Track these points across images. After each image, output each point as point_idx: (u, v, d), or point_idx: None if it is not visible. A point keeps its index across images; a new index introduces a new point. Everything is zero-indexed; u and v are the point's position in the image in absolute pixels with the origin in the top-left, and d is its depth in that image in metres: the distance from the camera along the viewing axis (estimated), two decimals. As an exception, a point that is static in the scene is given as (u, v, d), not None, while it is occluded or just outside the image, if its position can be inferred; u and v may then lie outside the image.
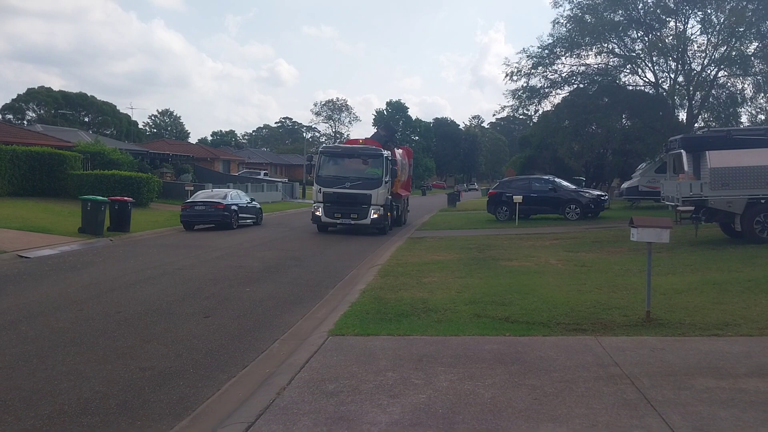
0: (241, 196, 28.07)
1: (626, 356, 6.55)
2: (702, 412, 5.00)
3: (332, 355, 6.94)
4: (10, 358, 7.09)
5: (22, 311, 9.52)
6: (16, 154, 30.38)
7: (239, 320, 9.23)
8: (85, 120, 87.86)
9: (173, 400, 5.86)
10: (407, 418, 5.02)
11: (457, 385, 5.82)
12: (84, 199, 20.89)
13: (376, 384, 5.90)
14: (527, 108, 30.96)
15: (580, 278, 11.68)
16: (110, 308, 9.77)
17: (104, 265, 14.83)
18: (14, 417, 5.34)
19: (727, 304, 8.87)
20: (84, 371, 6.61)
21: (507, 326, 8.02)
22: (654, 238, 7.80)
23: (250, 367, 6.96)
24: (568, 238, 19.98)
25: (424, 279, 12.09)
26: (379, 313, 9.02)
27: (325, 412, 5.20)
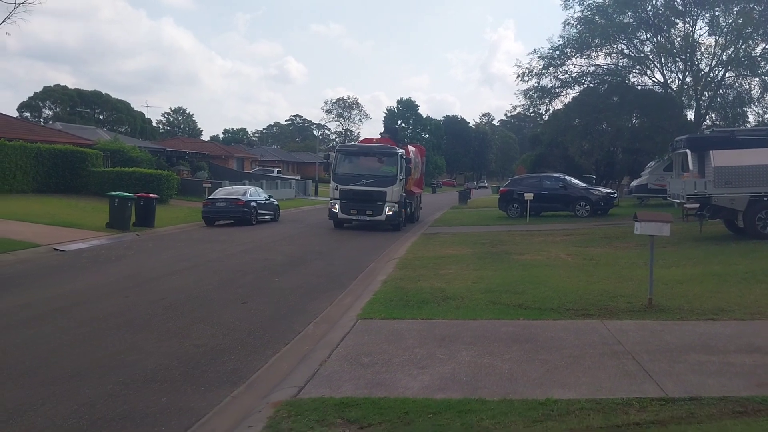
0: (260, 193, 28.92)
1: (628, 336, 7.30)
2: (693, 380, 5.74)
3: (363, 335, 7.72)
4: (76, 337, 7.93)
5: (73, 298, 10.38)
6: (40, 152, 31.29)
7: (273, 306, 10.03)
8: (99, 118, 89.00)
9: (228, 371, 6.67)
10: (436, 384, 5.80)
11: (477, 359, 6.58)
12: (111, 196, 21.78)
13: (405, 358, 6.68)
14: (538, 107, 31.66)
15: (589, 271, 12.42)
16: (154, 296, 10.62)
17: (138, 257, 15.69)
18: (95, 383, 6.16)
19: (724, 293, 9.59)
20: (144, 348, 7.44)
21: (520, 312, 8.77)
22: (655, 231, 8.52)
23: (290, 345, 7.76)
24: (577, 234, 20.68)
25: (440, 271, 12.84)
26: (401, 300, 9.79)
27: (364, 379, 5.98)
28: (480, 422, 4.83)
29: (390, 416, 4.98)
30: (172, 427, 5.15)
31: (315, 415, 5.05)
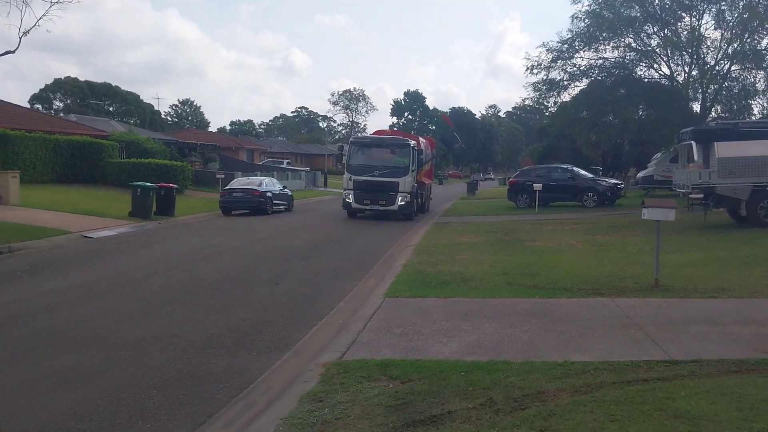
0: (275, 184, 29.65)
1: (636, 311, 7.98)
2: (695, 347, 6.42)
3: (392, 310, 8.43)
4: (131, 311, 8.68)
5: (119, 279, 11.14)
6: (58, 143, 32.02)
7: (304, 287, 10.75)
8: (109, 109, 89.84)
9: (274, 339, 7.39)
10: (464, 350, 6.50)
11: (499, 330, 7.28)
12: (134, 185, 22.54)
13: (434, 329, 7.38)
14: (547, 100, 32.23)
15: (598, 256, 13.10)
16: (192, 277, 11.36)
17: (166, 243, 16.44)
18: (158, 349, 6.89)
19: (726, 275, 10.26)
20: (196, 320, 8.18)
21: (536, 291, 9.46)
22: (661, 216, 9.19)
23: (326, 318, 8.48)
24: (586, 223, 21.34)
25: (456, 256, 13.54)
26: (422, 281, 10.49)
27: (399, 345, 6.69)
28: (507, 378, 5.52)
29: (427, 374, 5.68)
30: (235, 384, 5.87)
31: (361, 372, 5.76)
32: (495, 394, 5.09)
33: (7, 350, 6.79)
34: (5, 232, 16.23)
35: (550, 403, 4.86)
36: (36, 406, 5.27)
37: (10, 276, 11.35)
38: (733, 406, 4.62)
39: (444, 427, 4.47)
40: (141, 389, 5.65)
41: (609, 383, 5.36)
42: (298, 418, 4.71)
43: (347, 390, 5.30)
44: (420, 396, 5.10)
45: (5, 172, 23.13)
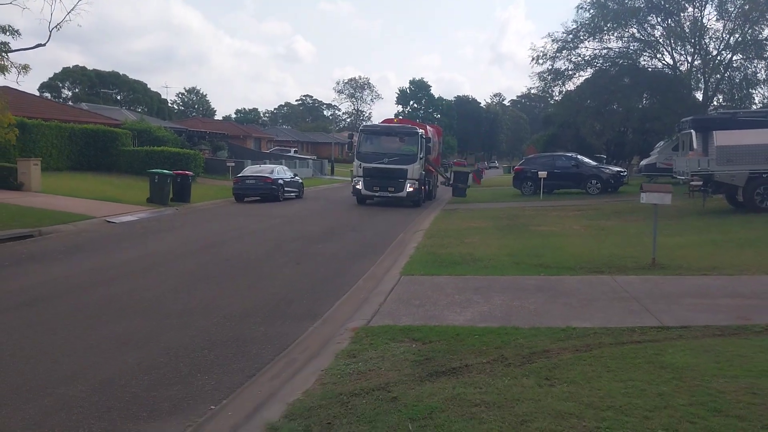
0: (286, 171, 30.39)
1: (634, 287, 8.70)
2: (685, 315, 7.14)
3: (409, 286, 9.18)
4: (170, 287, 9.45)
5: (151, 260, 11.91)
6: (73, 132, 32.74)
7: (323, 267, 11.50)
8: (117, 98, 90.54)
9: (303, 311, 8.14)
10: (477, 318, 7.24)
11: (508, 302, 8.02)
12: (152, 173, 23.29)
13: (449, 301, 8.12)
14: (552, 89, 32.86)
15: (600, 239, 13.82)
16: (219, 258, 12.13)
17: (187, 228, 17.21)
18: (202, 318, 7.65)
19: (719, 255, 10.96)
20: (230, 295, 8.94)
21: (541, 270, 10.18)
22: (658, 200, 9.89)
23: (348, 294, 9.22)
24: (589, 209, 22.03)
25: (465, 240, 14.26)
26: (435, 262, 11.23)
27: (418, 314, 7.44)
28: (516, 340, 6.26)
29: (445, 336, 6.42)
30: (275, 345, 6.62)
31: (386, 335, 6.51)
32: (506, 352, 5.83)
33: (68, 319, 7.57)
34: (34, 217, 17.01)
35: (554, 359, 5.60)
36: (105, 362, 6.04)
37: (50, 257, 12.14)
38: (711, 360, 5.36)
39: (463, 377, 5.21)
40: (194, 349, 6.42)
41: (606, 344, 6.09)
42: (337, 369, 5.46)
43: (376, 348, 6.05)
44: (440, 353, 5.85)
45: (27, 160, 23.90)
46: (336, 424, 4.27)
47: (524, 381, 5.03)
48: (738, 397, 4.44)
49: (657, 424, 4.05)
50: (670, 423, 4.06)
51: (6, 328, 7.16)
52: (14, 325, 7.30)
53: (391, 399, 4.70)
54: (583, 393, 4.67)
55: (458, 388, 4.90)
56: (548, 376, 5.12)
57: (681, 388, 4.68)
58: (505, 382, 5.00)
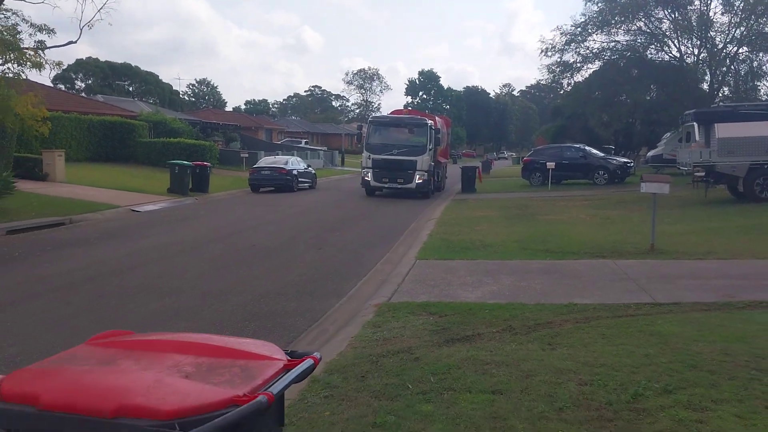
0: (299, 162, 31.13)
1: (633, 269, 9.41)
2: (677, 294, 7.85)
3: (424, 269, 9.92)
4: (204, 269, 10.25)
5: (181, 246, 12.71)
6: (92, 123, 33.57)
7: (342, 252, 12.26)
8: (129, 89, 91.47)
9: (329, 290, 8.91)
10: (487, 296, 7.98)
11: (516, 283, 8.75)
12: (172, 164, 24.12)
13: (461, 282, 8.86)
14: (560, 81, 33.40)
15: (604, 226, 14.53)
16: (244, 244, 12.91)
17: (209, 217, 18.02)
18: (237, 296, 8.44)
19: (715, 242, 11.66)
20: (259, 276, 9.72)
21: (547, 254, 10.91)
22: (657, 190, 10.59)
23: (368, 276, 9.98)
24: (595, 199, 22.70)
25: (476, 228, 14.99)
26: (447, 248, 11.97)
27: (433, 293, 8.18)
28: (522, 314, 6.99)
29: (459, 310, 7.17)
30: (307, 318, 7.39)
31: (406, 309, 7.26)
32: (513, 323, 6.57)
33: (116, 297, 8.37)
34: (62, 206, 17.86)
35: (557, 328, 6.34)
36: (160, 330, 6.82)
37: (86, 242, 12.97)
38: (695, 329, 6.08)
39: (475, 343, 5.96)
40: (235, 321, 7.20)
41: (603, 317, 6.82)
42: (365, 337, 6.22)
43: (398, 320, 6.80)
44: (455, 324, 6.60)
45: (51, 151, 24.76)
46: (369, 377, 5.03)
47: (529, 346, 5.77)
48: (712, 357, 5.17)
49: (641, 376, 4.79)
50: (653, 375, 4.79)
51: (65, 303, 7.97)
52: (72, 300, 8.11)
53: (414, 359, 5.45)
54: (580, 354, 5.41)
55: (471, 351, 5.65)
56: (550, 341, 5.86)
57: (665, 350, 5.41)
58: (513, 347, 5.74)
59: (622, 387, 4.59)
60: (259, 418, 1.71)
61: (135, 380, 1.69)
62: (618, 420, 4.07)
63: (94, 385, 1.66)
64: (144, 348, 2.02)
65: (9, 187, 16.40)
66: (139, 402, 1.57)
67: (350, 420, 4.20)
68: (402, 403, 4.46)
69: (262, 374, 1.84)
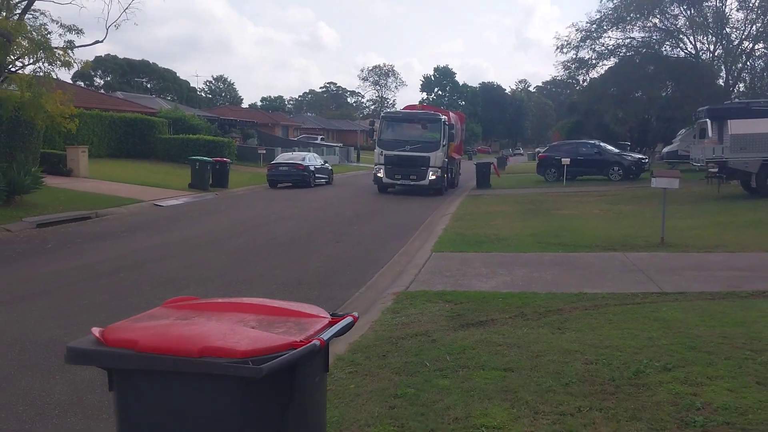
0: (316, 158, 31.61)
1: (642, 262, 9.73)
2: (684, 284, 8.17)
3: (440, 261, 10.30)
4: (228, 261, 10.70)
5: (205, 238, 13.19)
6: (113, 120, 34.20)
7: (360, 245, 12.67)
8: (147, 86, 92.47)
9: (348, 280, 9.31)
10: (500, 285, 8.34)
11: (528, 274, 9.10)
12: (193, 160, 24.67)
13: (476, 273, 9.23)
14: (576, 78, 33.58)
15: (617, 221, 14.83)
16: (265, 237, 13.36)
17: (230, 211, 18.50)
18: (260, 286, 8.86)
19: (724, 235, 11.93)
20: (282, 267, 10.15)
21: (560, 247, 11.24)
22: (667, 185, 10.89)
23: (385, 267, 10.38)
24: (610, 194, 22.95)
25: (491, 222, 15.34)
26: (463, 241, 12.33)
27: (449, 283, 8.56)
28: (534, 302, 7.35)
29: (473, 299, 7.54)
30: (329, 305, 7.69)
31: (423, 298, 7.65)
32: (525, 310, 6.93)
33: (148, 285, 8.82)
34: (88, 200, 18.43)
35: (566, 315, 6.70)
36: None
37: (115, 235, 13.48)
38: (697, 315, 6.41)
39: (489, 328, 6.33)
40: (262, 307, 7.62)
41: (611, 304, 7.16)
42: (385, 321, 6.62)
43: (415, 307, 7.19)
44: (469, 311, 6.97)
45: (75, 147, 25.36)
46: (389, 355, 5.42)
47: (540, 330, 6.13)
48: (711, 339, 5.50)
49: (643, 356, 5.14)
50: (654, 356, 5.14)
51: (100, 290, 8.44)
52: (107, 288, 8.58)
53: (432, 341, 5.84)
54: (587, 337, 5.77)
55: (485, 335, 6.02)
56: (560, 326, 6.22)
57: (667, 333, 5.76)
58: (524, 331, 6.11)
59: (624, 365, 4.95)
60: (312, 361, 2.12)
61: (213, 329, 2.10)
62: (619, 393, 4.43)
63: (181, 333, 2.07)
64: (212, 309, 2.43)
65: (38, 183, 16.93)
66: (219, 344, 1.98)
67: (373, 392, 4.59)
68: (420, 378, 4.85)
69: (312, 327, 2.24)
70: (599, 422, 3.97)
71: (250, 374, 1.90)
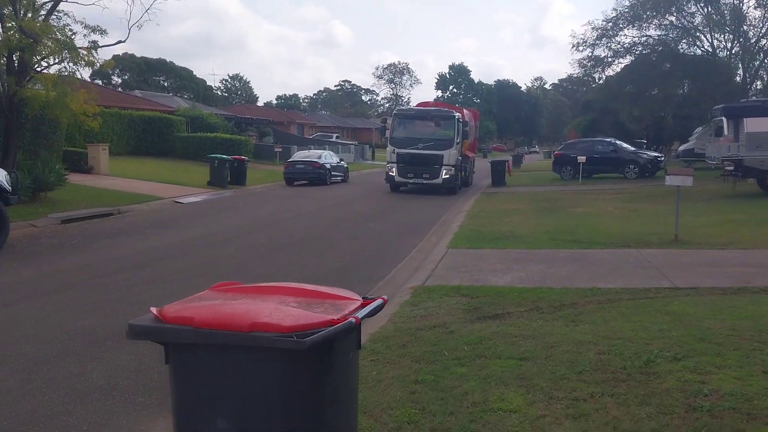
0: (332, 156, 31.92)
1: (656, 258, 9.88)
2: (696, 280, 8.32)
3: (456, 257, 10.51)
4: (248, 256, 10.99)
5: (225, 234, 13.49)
6: (132, 118, 34.69)
7: (377, 242, 12.91)
8: (164, 85, 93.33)
9: (366, 275, 9.56)
10: (516, 281, 8.55)
11: (543, 269, 9.29)
12: (212, 158, 25.04)
13: (491, 269, 9.43)
14: (592, 76, 33.61)
15: (631, 218, 14.96)
16: (284, 233, 13.64)
17: (249, 208, 18.82)
18: (282, 280, 9.10)
19: (737, 233, 12.04)
20: (301, 262, 10.42)
21: (574, 244, 11.41)
22: (681, 182, 11.03)
23: (402, 263, 10.60)
24: (625, 192, 23.02)
25: (506, 219, 15.52)
26: (478, 238, 12.53)
27: (465, 278, 8.77)
28: (549, 296, 7.55)
29: (489, 293, 7.75)
30: (349, 299, 8.04)
31: (440, 292, 7.87)
32: (540, 304, 7.13)
33: (175, 278, 9.14)
34: (110, 197, 18.82)
35: (580, 308, 6.89)
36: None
37: (139, 231, 13.83)
38: (708, 309, 6.59)
39: (505, 320, 6.54)
40: (284, 300, 7.88)
41: (624, 299, 7.34)
42: (403, 314, 6.85)
43: (433, 300, 7.42)
44: (486, 305, 7.18)
45: (96, 145, 25.83)
46: (408, 346, 5.66)
47: (554, 323, 6.34)
48: (721, 332, 5.68)
49: (654, 347, 5.33)
50: (664, 346, 5.34)
51: (129, 283, 8.75)
52: (135, 281, 8.89)
53: (449, 332, 6.07)
54: (600, 329, 5.97)
55: (501, 327, 6.24)
56: (574, 319, 6.42)
57: (677, 326, 5.94)
58: (539, 323, 6.31)
59: (636, 355, 5.15)
60: (347, 337, 2.37)
61: (260, 308, 2.34)
62: (630, 381, 4.63)
63: (232, 311, 2.32)
64: (255, 291, 2.69)
65: (62, 180, 17.33)
66: (266, 321, 2.22)
67: (395, 378, 4.83)
68: (439, 366, 5.08)
69: (347, 308, 2.49)
70: (610, 406, 4.18)
71: (294, 347, 2.15)
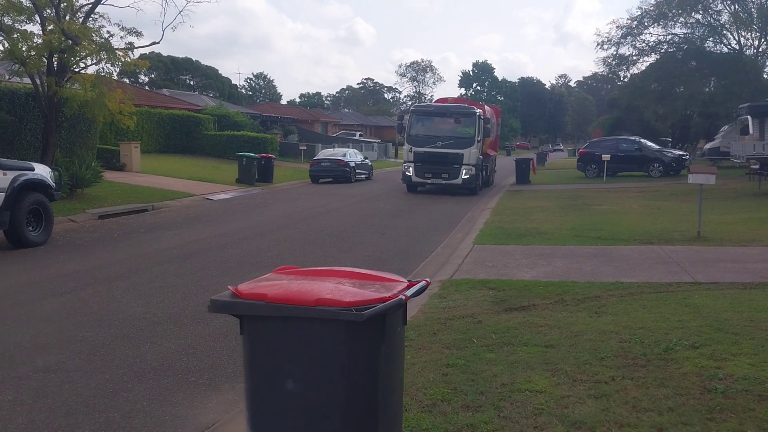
0: (357, 154, 32.33)
1: (678, 254, 10.11)
2: (717, 275, 8.55)
3: (482, 252, 10.83)
4: (283, 250, 11.40)
5: (259, 229, 13.93)
6: (161, 117, 35.44)
7: (404, 237, 13.25)
8: (190, 83, 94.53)
9: (394, 269, 9.86)
10: (541, 275, 8.84)
11: (568, 265, 9.57)
12: (240, 156, 25.57)
13: (517, 264, 9.74)
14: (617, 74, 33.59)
15: (655, 216, 15.13)
16: (314, 229, 14.05)
17: (277, 205, 19.28)
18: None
19: (761, 230, 12.19)
20: (332, 256, 10.81)
21: (598, 241, 11.66)
22: (704, 180, 11.22)
23: (429, 258, 10.95)
24: (649, 190, 23.11)
25: (530, 217, 15.78)
26: (503, 234, 12.83)
27: (491, 272, 9.09)
28: (573, 290, 7.84)
29: (515, 287, 8.06)
30: (379, 291, 8.40)
31: (467, 285, 8.20)
32: (565, 297, 7.44)
33: (215, 269, 9.58)
34: (143, 194, 19.39)
35: (603, 301, 7.18)
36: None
37: (174, 226, 14.33)
38: (727, 302, 6.84)
39: (531, 312, 6.85)
40: (318, 292, 8.27)
41: (646, 292, 7.62)
42: (433, 305, 7.20)
43: (461, 293, 7.76)
44: (512, 297, 7.50)
45: (128, 143, 26.50)
46: (439, 333, 6.01)
47: (578, 314, 6.64)
48: (738, 323, 5.95)
49: (673, 336, 5.62)
50: (683, 335, 5.62)
51: (172, 274, 9.20)
52: (178, 272, 9.34)
53: (477, 322, 6.40)
54: (622, 320, 6.26)
55: (527, 317, 6.56)
56: (597, 311, 6.72)
57: (696, 317, 6.22)
58: (564, 315, 6.62)
59: (656, 343, 5.45)
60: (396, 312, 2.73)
61: (322, 287, 2.71)
62: (650, 366, 4.93)
63: (299, 288, 2.70)
64: (314, 274, 3.07)
65: (98, 177, 17.93)
66: (329, 297, 2.59)
67: (427, 362, 5.18)
68: (469, 352, 5.42)
69: (395, 288, 2.85)
70: (630, 388, 4.49)
71: (354, 318, 2.51)
